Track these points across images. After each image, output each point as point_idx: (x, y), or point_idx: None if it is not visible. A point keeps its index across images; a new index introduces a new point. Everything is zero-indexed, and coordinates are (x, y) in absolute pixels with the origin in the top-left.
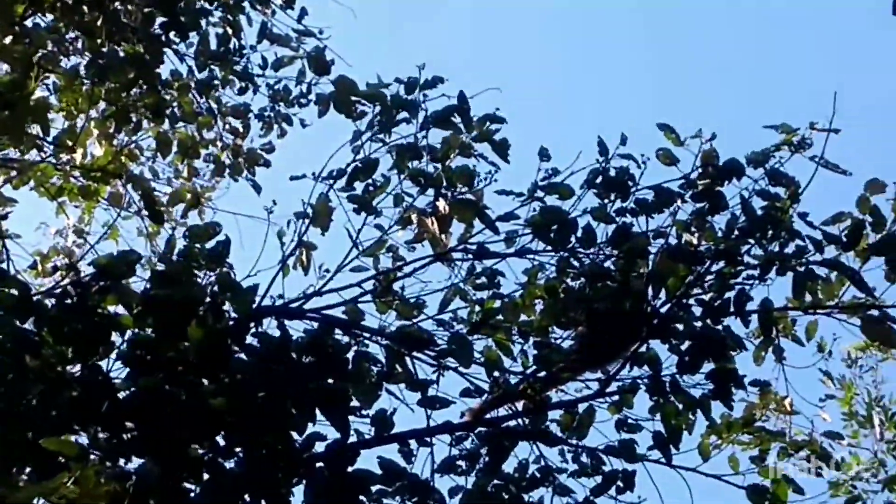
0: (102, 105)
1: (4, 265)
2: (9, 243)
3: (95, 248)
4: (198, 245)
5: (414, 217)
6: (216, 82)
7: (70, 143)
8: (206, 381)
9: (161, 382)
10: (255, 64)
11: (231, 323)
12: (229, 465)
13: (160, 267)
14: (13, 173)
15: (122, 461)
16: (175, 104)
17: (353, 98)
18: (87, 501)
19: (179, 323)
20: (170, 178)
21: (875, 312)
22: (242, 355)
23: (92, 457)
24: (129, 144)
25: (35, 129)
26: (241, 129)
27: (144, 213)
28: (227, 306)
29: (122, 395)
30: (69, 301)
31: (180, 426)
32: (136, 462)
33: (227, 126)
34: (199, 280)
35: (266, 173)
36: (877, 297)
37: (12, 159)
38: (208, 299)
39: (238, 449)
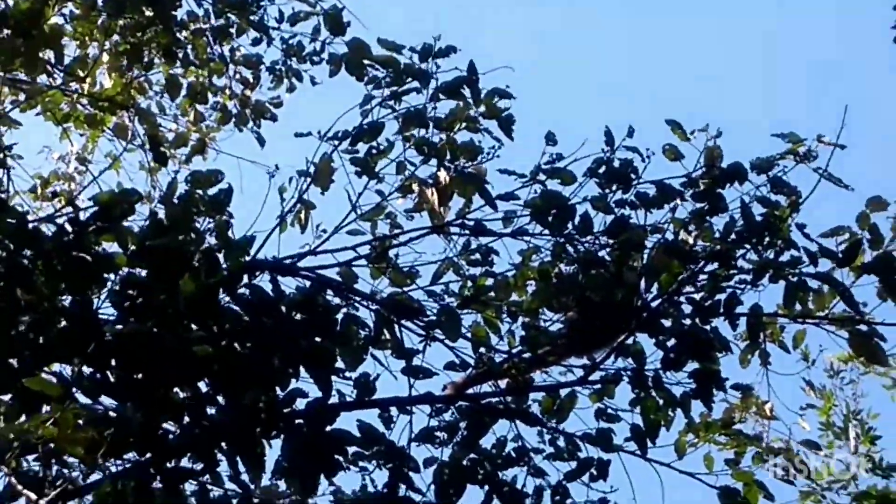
0: (116, 38)
1: (5, 186)
2: (10, 163)
3: (97, 179)
4: (199, 191)
5: (415, 186)
6: (231, 30)
7: (81, 73)
8: (194, 327)
9: (150, 328)
10: (272, 16)
11: (224, 273)
12: (211, 412)
13: (159, 210)
14: (21, 96)
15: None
16: (188, 47)
17: (366, 62)
18: (65, 444)
19: (173, 272)
20: (176, 115)
21: (863, 327)
22: (233, 305)
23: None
24: (139, 77)
25: (48, 55)
26: (251, 80)
27: (148, 147)
28: (221, 258)
29: (109, 335)
30: (66, 238)
31: (165, 370)
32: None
33: (237, 75)
34: (197, 226)
35: (271, 127)
36: (866, 314)
37: (22, 81)
38: (204, 250)
39: (220, 397)
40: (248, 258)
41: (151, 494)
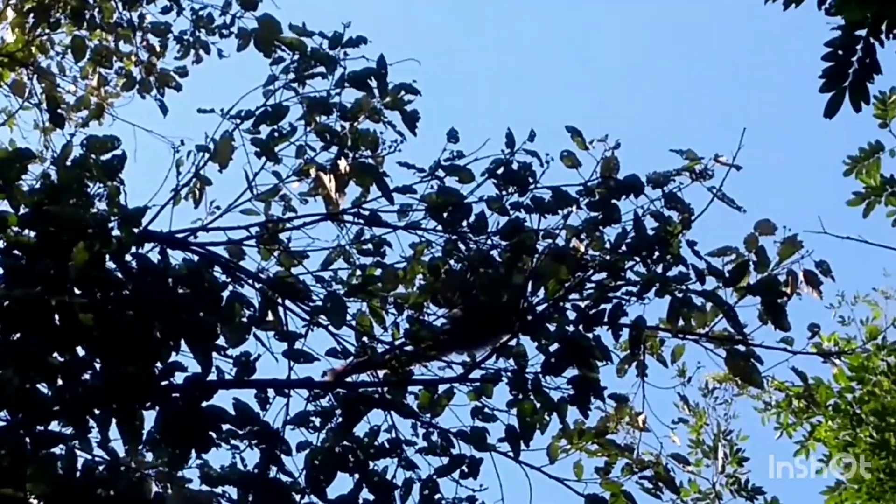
0: None
1: None
2: None
3: None
4: (93, 156)
5: (312, 171)
6: None
7: None
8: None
9: (37, 294)
10: None
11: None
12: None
13: (52, 172)
14: None
15: None
16: (96, 10)
17: (275, 41)
18: None
19: (66, 241)
20: (76, 77)
21: (741, 348)
22: (118, 274)
23: None
24: (42, 36)
25: None
26: (158, 48)
27: (45, 107)
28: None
29: None
30: None
31: (46, 334)
32: None
33: (145, 42)
34: (88, 191)
35: (174, 97)
36: (746, 335)
37: None
38: (99, 221)
39: (97, 363)
40: (139, 229)
41: (23, 456)
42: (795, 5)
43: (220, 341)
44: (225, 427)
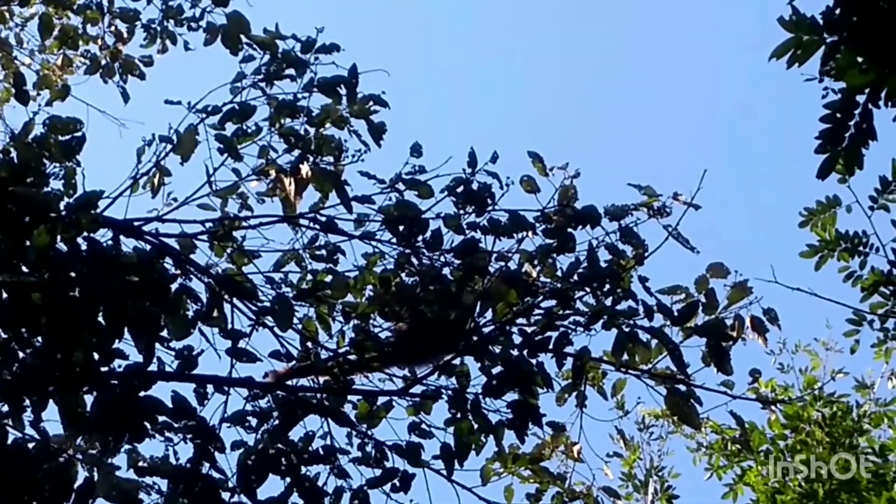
0: None
1: None
2: None
3: None
4: (53, 136)
5: (273, 172)
6: None
7: None
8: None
9: None
10: None
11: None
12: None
13: (12, 150)
14: None
15: None
16: None
17: (245, 40)
18: None
19: (26, 223)
20: (33, 50)
21: (682, 388)
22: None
23: None
24: (2, 6)
25: None
26: (125, 34)
27: (11, 84)
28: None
29: None
30: None
31: None
32: None
33: (112, 27)
34: (45, 170)
35: (135, 84)
36: (688, 375)
37: None
38: (67, 206)
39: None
40: (95, 212)
41: None
42: (799, 65)
43: (165, 333)
44: (161, 419)
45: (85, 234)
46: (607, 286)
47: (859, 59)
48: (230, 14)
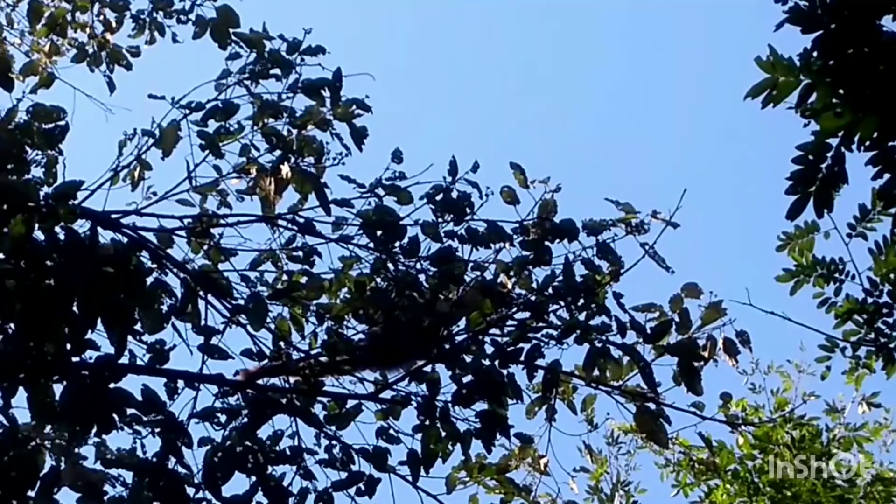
0: None
1: None
2: None
3: None
4: (37, 124)
5: (253, 170)
6: None
7: None
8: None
9: None
10: None
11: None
12: None
13: None
14: None
15: None
16: None
17: (234, 36)
18: None
19: (4, 210)
20: (23, 31)
21: (652, 406)
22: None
23: None
24: None
25: None
26: (113, 24)
27: None
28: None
29: None
30: None
31: None
32: None
33: (101, 16)
34: (27, 157)
35: (123, 75)
36: (659, 393)
37: None
38: (46, 196)
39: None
40: (74, 202)
41: None
42: (773, 105)
43: (138, 326)
44: (129, 411)
45: (62, 224)
46: (582, 301)
47: (834, 102)
48: (220, 8)
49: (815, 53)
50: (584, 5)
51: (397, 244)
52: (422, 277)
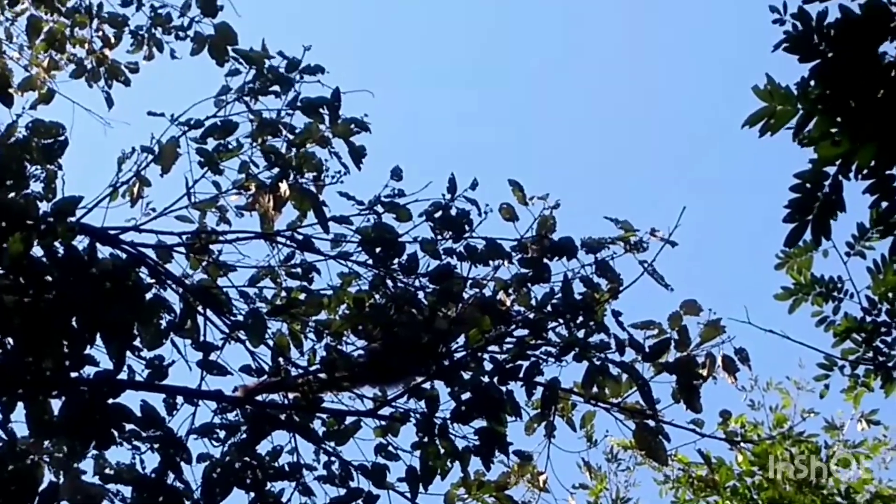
0: None
1: None
2: None
3: None
4: (36, 139)
5: (252, 187)
6: None
7: None
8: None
9: None
10: None
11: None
12: None
13: None
14: None
15: None
16: None
17: (232, 53)
18: None
19: (3, 229)
20: (22, 45)
21: (651, 423)
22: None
23: None
24: None
25: None
26: (112, 40)
27: None
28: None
29: None
30: None
31: None
32: None
33: (100, 32)
34: (26, 172)
35: (121, 91)
36: (658, 411)
37: None
38: (43, 215)
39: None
40: (73, 219)
41: None
42: (771, 134)
43: (137, 342)
44: (128, 427)
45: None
46: (580, 318)
47: (832, 131)
48: (218, 25)
49: (811, 82)
50: (588, 24)
51: (396, 261)
52: (421, 294)
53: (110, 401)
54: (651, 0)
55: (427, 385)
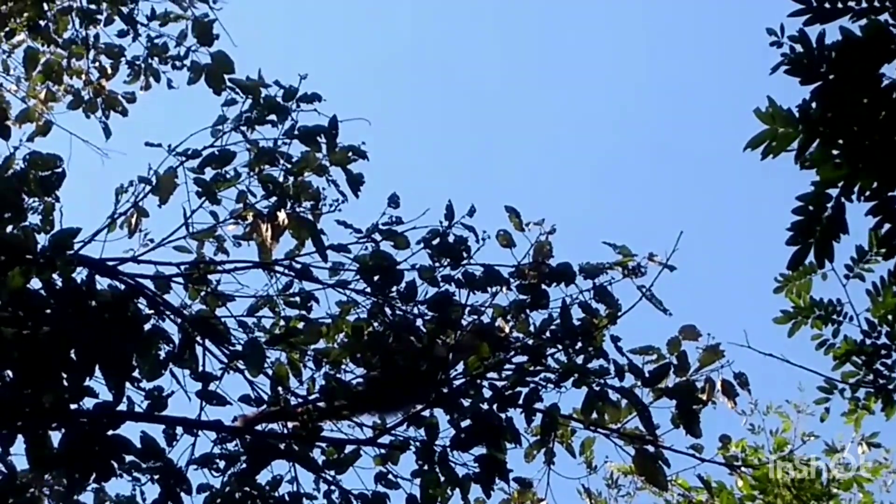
0: None
1: None
2: None
3: None
4: (33, 172)
5: (250, 216)
6: (100, 17)
7: None
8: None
9: None
10: (143, 12)
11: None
12: None
13: None
14: None
15: None
16: (52, 24)
17: (229, 82)
18: None
19: (1, 263)
20: (20, 77)
21: (651, 448)
22: (42, 291)
23: None
24: None
25: None
26: (109, 70)
27: None
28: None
29: None
30: None
31: None
32: None
33: (97, 63)
34: (23, 204)
35: (118, 121)
36: (657, 436)
37: None
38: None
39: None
40: (71, 252)
41: None
42: (773, 156)
43: (136, 373)
44: (128, 458)
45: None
46: (579, 344)
47: (834, 153)
48: (215, 54)
49: (813, 105)
50: (585, 48)
51: (394, 289)
52: (419, 322)
53: (110, 432)
54: (647, 21)
55: (426, 413)
